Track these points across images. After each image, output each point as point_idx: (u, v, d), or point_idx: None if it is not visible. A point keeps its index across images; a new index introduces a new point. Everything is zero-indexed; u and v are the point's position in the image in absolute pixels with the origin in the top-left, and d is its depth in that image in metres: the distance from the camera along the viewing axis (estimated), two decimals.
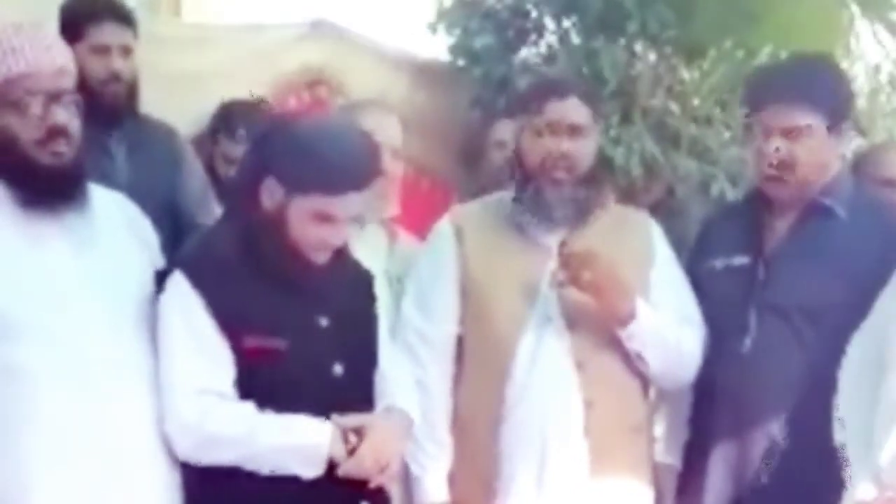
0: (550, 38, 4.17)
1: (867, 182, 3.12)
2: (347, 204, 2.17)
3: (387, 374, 2.35)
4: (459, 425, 2.58)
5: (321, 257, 2.22)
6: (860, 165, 3.31)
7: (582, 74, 3.84)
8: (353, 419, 2.18)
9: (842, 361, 2.41)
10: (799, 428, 2.49)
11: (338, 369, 2.22)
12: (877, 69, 4.61)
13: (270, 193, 2.17)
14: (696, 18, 4.23)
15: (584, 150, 2.56)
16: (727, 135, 3.95)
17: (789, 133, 2.53)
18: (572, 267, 2.46)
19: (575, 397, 2.49)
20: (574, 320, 2.51)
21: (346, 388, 2.22)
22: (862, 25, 4.61)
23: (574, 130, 2.54)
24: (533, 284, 2.54)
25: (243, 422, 2.11)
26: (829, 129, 2.56)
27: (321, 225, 2.16)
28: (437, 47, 4.22)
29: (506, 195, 2.67)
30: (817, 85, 2.58)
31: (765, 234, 2.63)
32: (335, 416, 2.16)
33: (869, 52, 4.65)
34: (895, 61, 4.61)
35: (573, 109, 2.56)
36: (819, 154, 2.56)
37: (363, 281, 2.41)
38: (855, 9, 4.58)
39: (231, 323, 2.13)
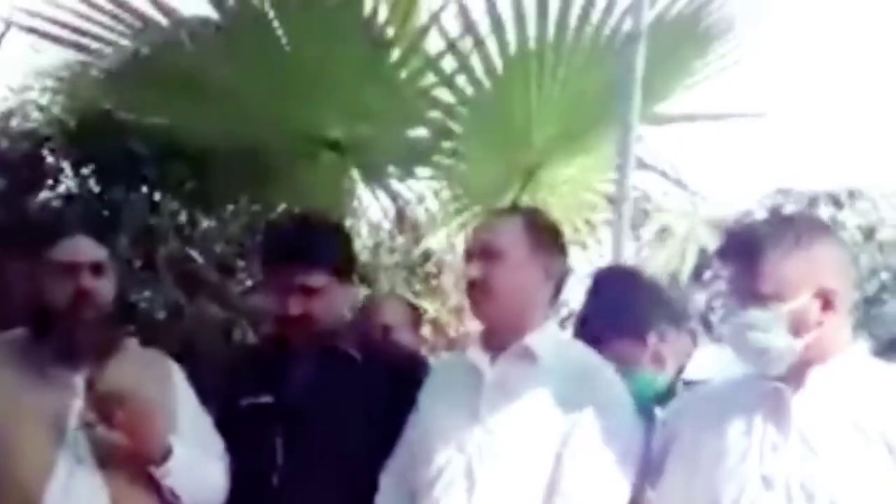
0: (69, 183, 4.11)
1: (372, 327, 3.49)
2: None
3: None
4: None
5: None
6: (365, 311, 3.68)
7: (101, 220, 3.82)
8: None
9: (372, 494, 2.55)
10: None
11: None
12: (377, 227, 5.07)
13: None
14: (212, 174, 4.42)
15: (105, 287, 2.55)
16: (248, 282, 4.10)
17: (307, 292, 2.67)
18: (104, 406, 2.42)
19: None
20: (106, 460, 2.44)
21: None
22: (363, 188, 5.09)
23: (94, 268, 2.53)
24: (58, 424, 2.44)
25: None
26: (340, 283, 2.74)
27: None
28: None
29: (21, 332, 2.57)
30: (330, 247, 2.76)
31: (288, 375, 2.73)
32: None
33: (371, 211, 5.11)
34: (393, 220, 5.11)
35: (91, 247, 2.56)
36: (333, 307, 2.73)
37: None
38: (355, 174, 5.06)
39: None
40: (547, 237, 2.53)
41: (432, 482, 2.40)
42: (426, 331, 4.78)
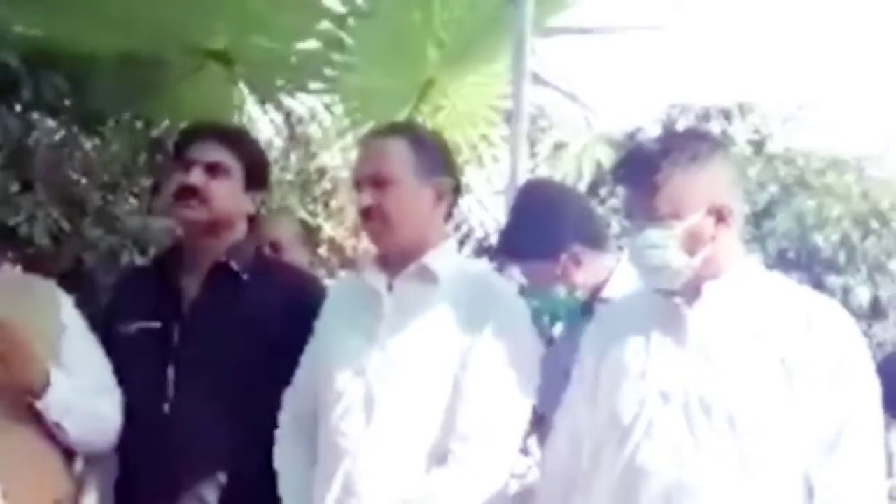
0: None
1: (262, 245, 3.36)
2: None
3: None
4: None
5: None
6: (255, 229, 3.57)
7: None
8: None
9: (268, 419, 2.50)
10: (233, 488, 2.52)
11: None
12: (268, 144, 4.94)
13: None
14: (92, 89, 4.24)
15: None
16: (133, 202, 3.97)
17: (210, 168, 2.62)
18: None
19: None
20: None
21: None
22: (251, 104, 4.95)
23: None
24: None
25: None
26: (246, 185, 2.68)
27: None
28: None
29: None
30: (241, 139, 2.77)
31: (176, 297, 2.65)
32: None
33: (261, 128, 4.99)
34: (285, 138, 4.99)
35: None
36: (231, 195, 2.66)
37: None
38: (244, 88, 4.91)
39: None
40: (435, 156, 2.47)
41: (332, 405, 2.37)
42: (323, 250, 4.72)
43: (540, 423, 2.50)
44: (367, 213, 2.42)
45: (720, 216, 2.11)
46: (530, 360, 2.37)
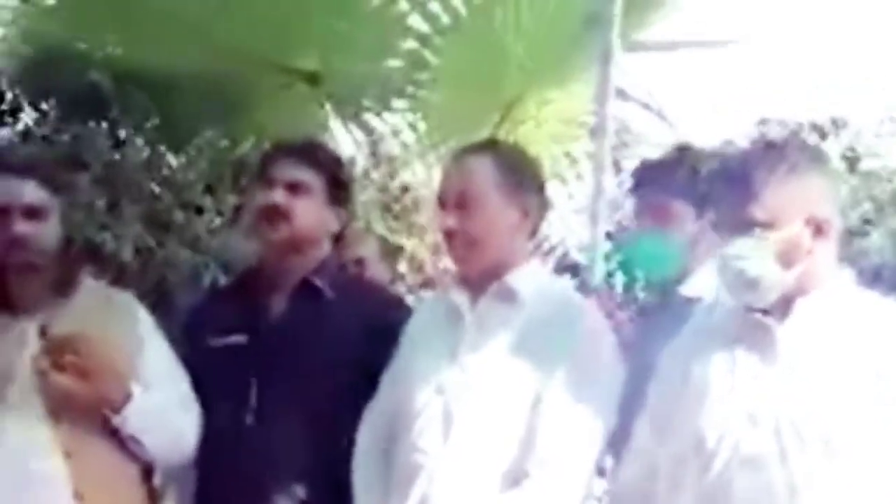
0: (29, 119, 3.97)
1: (345, 262, 3.36)
2: None
3: None
4: None
5: None
6: (338, 248, 3.57)
7: (62, 158, 3.70)
8: None
9: (349, 436, 2.48)
10: (312, 500, 2.52)
11: None
12: (351, 162, 4.96)
13: None
14: (179, 107, 4.30)
15: (45, 233, 2.43)
16: (217, 221, 4.00)
17: (293, 188, 2.61)
18: (56, 352, 2.32)
19: (64, 490, 2.31)
20: (60, 409, 2.34)
21: None
22: (335, 122, 4.97)
23: (27, 212, 2.40)
24: (9, 373, 2.34)
25: None
26: (328, 202, 2.67)
27: None
28: None
29: None
30: (324, 156, 2.74)
31: (261, 314, 2.65)
32: None
33: (344, 146, 5.01)
34: (368, 155, 5.00)
35: (24, 189, 2.41)
36: (315, 216, 2.65)
37: None
38: (329, 108, 4.94)
39: None
40: (521, 174, 2.44)
41: (411, 423, 2.35)
42: (403, 267, 4.71)
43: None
44: (450, 235, 2.39)
45: (818, 229, 2.03)
46: (611, 384, 2.32)
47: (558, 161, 5.36)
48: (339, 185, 2.73)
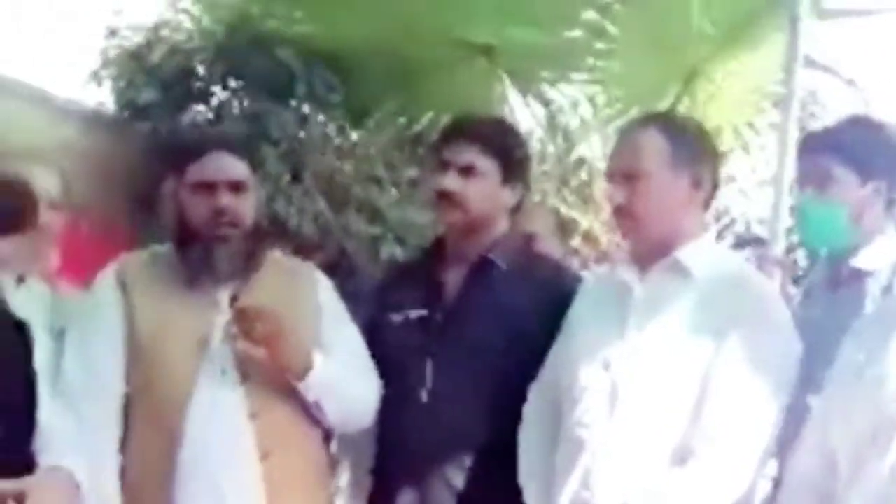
0: (220, 97, 4.15)
1: (518, 236, 3.36)
2: (6, 246, 2.15)
3: (49, 433, 2.22)
4: (131, 483, 2.43)
5: None
6: (515, 220, 3.57)
7: (250, 134, 3.84)
8: (12, 483, 2.06)
9: (520, 410, 2.50)
10: (480, 474, 2.55)
11: None
12: (528, 135, 4.94)
13: None
14: (360, 83, 4.39)
15: (245, 205, 2.54)
16: (395, 193, 4.07)
17: (466, 171, 2.62)
18: (244, 320, 2.42)
19: (250, 450, 2.42)
20: (248, 373, 2.46)
21: (4, 451, 2.10)
22: (513, 95, 4.96)
23: (233, 186, 2.51)
24: (203, 338, 2.46)
25: None
26: (503, 181, 2.67)
27: None
28: (106, 97, 4.11)
29: (169, 247, 2.59)
30: (497, 135, 2.71)
31: (440, 290, 2.69)
32: None
33: (522, 119, 5.00)
34: (545, 128, 4.97)
35: (231, 165, 2.53)
36: (489, 198, 2.66)
37: (18, 335, 2.28)
38: (506, 80, 4.94)
39: None
40: (693, 145, 2.38)
41: (576, 398, 2.35)
42: (577, 241, 4.68)
43: None
44: (618, 210, 2.37)
45: None
46: (786, 363, 2.25)
47: (741, 132, 5.19)
48: (515, 163, 2.71)
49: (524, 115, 5.00)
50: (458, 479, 2.56)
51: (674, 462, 2.21)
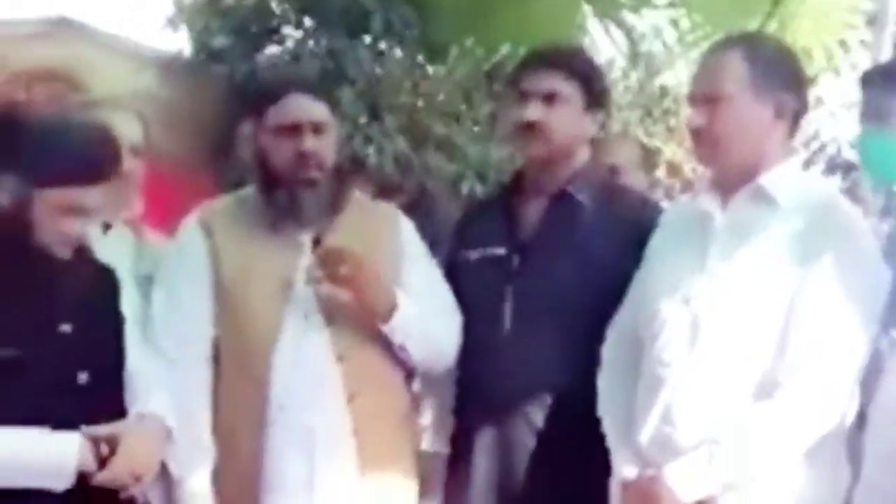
0: (295, 36, 4.13)
1: (601, 169, 3.30)
2: (96, 195, 2.13)
3: (139, 378, 2.26)
4: (222, 427, 2.48)
5: (65, 252, 2.15)
6: (594, 154, 3.51)
7: (326, 73, 3.82)
8: (104, 428, 2.11)
9: (600, 345, 2.48)
10: (560, 411, 2.53)
11: (83, 377, 2.13)
12: (609, 64, 4.83)
13: (8, 191, 2.09)
14: (437, 17, 4.33)
15: (327, 147, 2.53)
16: (475, 129, 4.03)
17: (548, 98, 2.58)
18: (328, 263, 2.43)
19: (338, 391, 2.45)
20: (332, 315, 2.47)
21: (94, 397, 2.14)
22: (594, 23, 4.85)
23: (315, 128, 2.50)
24: (288, 281, 2.48)
25: None
26: (586, 107, 2.63)
27: (69, 218, 2.12)
28: (182, 43, 4.14)
29: (251, 191, 2.60)
30: (576, 61, 2.68)
31: (519, 225, 2.67)
32: (84, 427, 2.08)
33: (602, 48, 4.89)
34: (627, 56, 4.86)
35: (311, 106, 2.51)
36: (571, 125, 2.61)
37: (105, 281, 2.31)
38: (587, 7, 4.82)
39: None
40: (777, 68, 2.29)
41: (656, 333, 2.30)
42: (661, 172, 4.59)
43: None
44: (696, 133, 2.30)
45: None
46: (873, 294, 2.17)
47: (832, 52, 5.00)
48: (595, 89, 2.66)
49: (604, 43, 4.88)
50: (538, 417, 2.55)
51: (758, 395, 2.16)
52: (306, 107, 2.51)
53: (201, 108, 3.98)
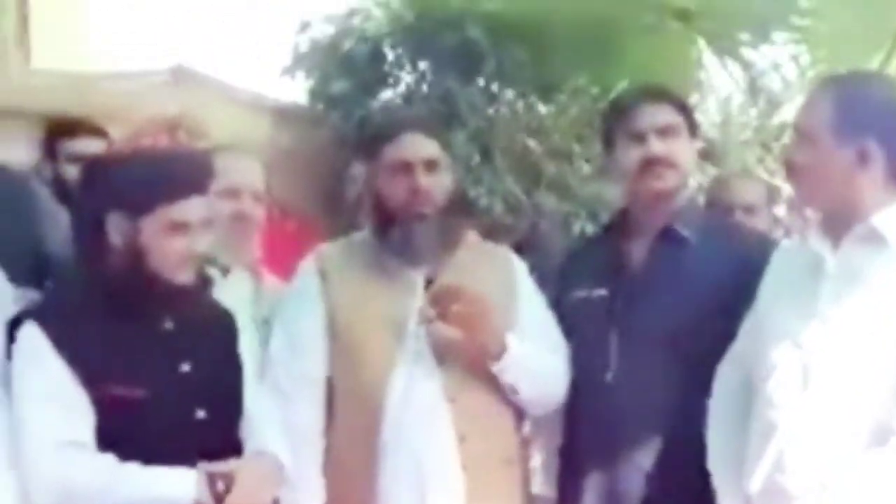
0: (408, 80, 4.20)
1: (721, 209, 3.26)
2: (195, 208, 2.17)
3: (255, 417, 2.31)
4: (333, 466, 2.53)
5: (181, 276, 2.18)
6: (715, 192, 3.45)
7: (440, 116, 3.86)
8: (221, 465, 2.15)
9: (710, 388, 2.44)
10: (669, 456, 2.50)
11: (200, 414, 2.19)
12: (727, 101, 4.76)
13: (117, 229, 2.15)
14: (550, 57, 4.34)
15: (441, 184, 2.57)
16: (587, 169, 4.01)
17: (662, 132, 2.60)
18: (441, 302, 2.45)
19: (448, 432, 2.46)
20: (444, 356, 2.50)
21: (211, 434, 2.19)
22: (710, 59, 4.79)
23: (428, 165, 2.54)
24: (400, 322, 2.51)
25: (104, 474, 2.06)
26: (690, 135, 2.67)
27: (176, 236, 2.16)
28: (297, 91, 4.25)
29: (366, 233, 2.66)
30: (674, 94, 2.73)
31: (623, 264, 2.66)
32: (202, 463, 2.13)
33: (719, 84, 4.83)
34: (745, 91, 4.78)
35: (424, 144, 2.57)
36: (685, 157, 2.64)
37: (224, 322, 2.38)
38: (702, 44, 4.77)
39: (88, 372, 2.08)
40: (866, 114, 2.19)
41: (766, 377, 2.25)
42: (781, 211, 4.47)
43: None
44: (790, 169, 2.29)
45: None
46: None
47: None
48: (693, 118, 2.71)
49: (722, 79, 4.81)
50: (647, 461, 2.52)
51: (872, 442, 2.09)
52: (419, 144, 2.56)
53: (317, 155, 4.07)
